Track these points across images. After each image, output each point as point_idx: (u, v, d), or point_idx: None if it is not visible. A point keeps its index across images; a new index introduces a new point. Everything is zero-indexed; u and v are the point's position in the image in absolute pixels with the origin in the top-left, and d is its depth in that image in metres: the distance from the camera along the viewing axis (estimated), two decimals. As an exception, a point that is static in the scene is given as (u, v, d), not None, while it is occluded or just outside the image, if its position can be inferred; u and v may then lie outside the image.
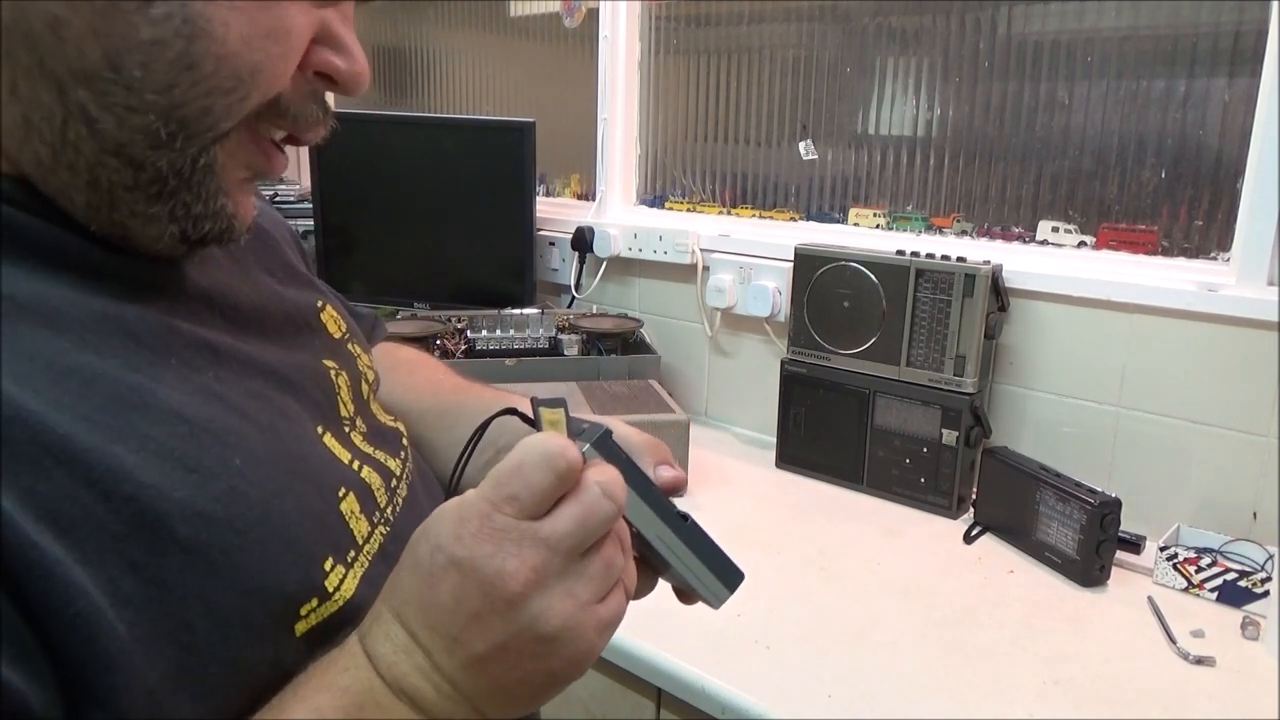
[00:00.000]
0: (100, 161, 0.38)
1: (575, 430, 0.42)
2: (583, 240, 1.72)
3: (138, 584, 0.35)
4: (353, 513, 0.47)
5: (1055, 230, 1.33)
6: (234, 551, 0.39)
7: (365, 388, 0.58)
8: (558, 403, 0.42)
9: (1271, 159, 1.10)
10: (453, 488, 0.53)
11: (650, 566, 0.48)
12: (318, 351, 0.53)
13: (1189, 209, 1.24)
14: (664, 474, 0.54)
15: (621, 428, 0.54)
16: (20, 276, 0.37)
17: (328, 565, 0.44)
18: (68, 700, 0.34)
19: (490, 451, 0.60)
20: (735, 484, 1.36)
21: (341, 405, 0.53)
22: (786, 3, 1.59)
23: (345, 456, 0.50)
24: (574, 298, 1.80)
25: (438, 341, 1.49)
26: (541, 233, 1.83)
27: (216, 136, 0.40)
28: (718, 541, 0.49)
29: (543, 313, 1.60)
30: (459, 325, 1.56)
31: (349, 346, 0.58)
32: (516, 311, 1.60)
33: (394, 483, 0.53)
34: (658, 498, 0.46)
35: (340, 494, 0.47)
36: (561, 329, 1.58)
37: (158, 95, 0.38)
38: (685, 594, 0.51)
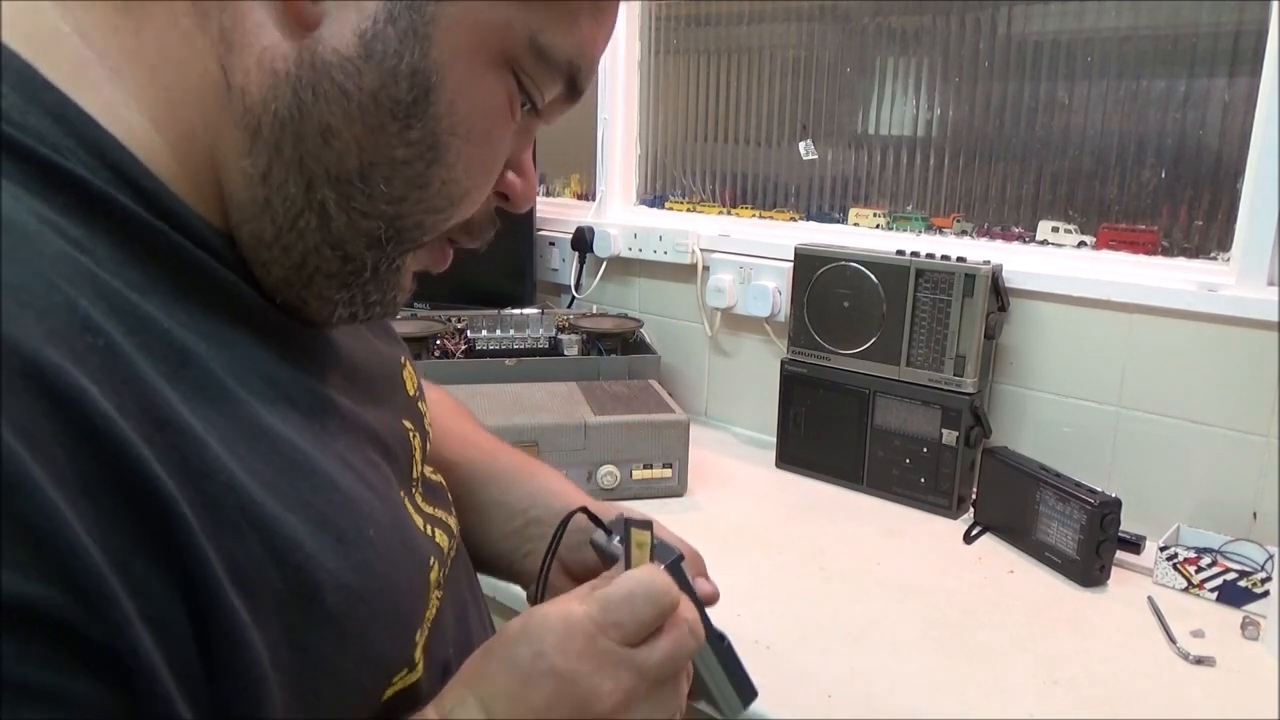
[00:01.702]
0: (317, 250, 0.41)
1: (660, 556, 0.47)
2: (583, 240, 1.72)
3: (289, 649, 0.36)
4: (435, 582, 0.49)
5: (1055, 230, 1.33)
6: (361, 622, 0.40)
7: (428, 446, 0.58)
8: (646, 524, 0.47)
9: (1271, 159, 1.10)
10: (540, 592, 0.59)
11: None
12: (399, 411, 0.54)
13: (1189, 209, 1.24)
14: (703, 587, 0.58)
15: (667, 535, 0.60)
16: (218, 331, 0.38)
17: (418, 636, 0.46)
18: None
19: (520, 520, 0.66)
20: (735, 484, 1.36)
21: (415, 467, 0.54)
22: (786, 3, 1.59)
23: (419, 521, 0.51)
24: (574, 298, 1.80)
25: (438, 341, 1.49)
26: (541, 233, 1.83)
27: (418, 245, 0.45)
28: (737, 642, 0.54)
29: (543, 313, 1.60)
30: (459, 325, 1.56)
31: (419, 405, 0.58)
32: (516, 311, 1.60)
33: (452, 543, 0.55)
34: (705, 619, 0.51)
35: (430, 563, 0.49)
36: (561, 329, 1.58)
37: (389, 206, 0.41)
38: (693, 693, 0.53)
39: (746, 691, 0.53)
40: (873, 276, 1.30)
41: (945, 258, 1.25)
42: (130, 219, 0.36)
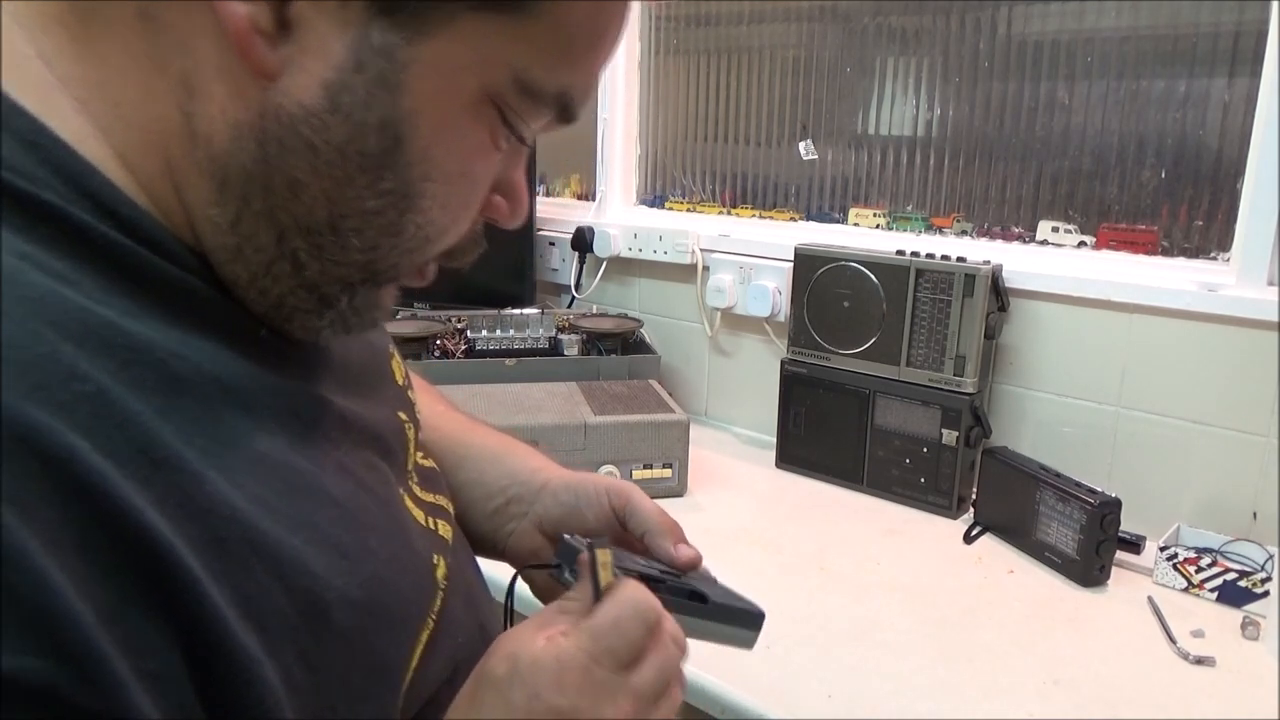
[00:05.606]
0: (293, 292, 0.40)
1: (616, 560, 0.47)
2: (583, 240, 1.72)
3: (303, 671, 0.36)
4: (441, 579, 0.49)
5: (1055, 230, 1.33)
6: (370, 634, 0.40)
7: (420, 435, 0.58)
8: (602, 542, 0.47)
9: (1271, 159, 1.10)
10: (508, 612, 0.58)
11: None
12: (392, 402, 0.53)
13: (1189, 209, 1.24)
14: (685, 553, 0.58)
15: (645, 503, 0.60)
16: (212, 352, 0.37)
17: (423, 635, 0.46)
18: None
19: (500, 500, 0.65)
20: (735, 484, 1.36)
21: (410, 459, 0.53)
22: (786, 3, 1.59)
23: (420, 515, 0.50)
24: (574, 298, 1.80)
25: (438, 342, 1.49)
26: (541, 233, 1.83)
27: (395, 281, 0.44)
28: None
29: (543, 313, 1.60)
30: (459, 325, 1.56)
31: (409, 394, 0.58)
32: (516, 311, 1.60)
33: (454, 531, 0.54)
34: (680, 581, 0.53)
35: (435, 561, 0.48)
36: (561, 329, 1.58)
37: (362, 254, 0.40)
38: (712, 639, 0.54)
39: (751, 619, 0.55)
40: (873, 276, 1.30)
41: (945, 258, 1.25)
42: (113, 247, 0.35)
